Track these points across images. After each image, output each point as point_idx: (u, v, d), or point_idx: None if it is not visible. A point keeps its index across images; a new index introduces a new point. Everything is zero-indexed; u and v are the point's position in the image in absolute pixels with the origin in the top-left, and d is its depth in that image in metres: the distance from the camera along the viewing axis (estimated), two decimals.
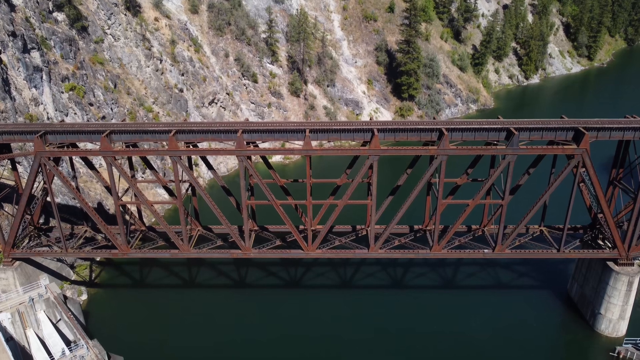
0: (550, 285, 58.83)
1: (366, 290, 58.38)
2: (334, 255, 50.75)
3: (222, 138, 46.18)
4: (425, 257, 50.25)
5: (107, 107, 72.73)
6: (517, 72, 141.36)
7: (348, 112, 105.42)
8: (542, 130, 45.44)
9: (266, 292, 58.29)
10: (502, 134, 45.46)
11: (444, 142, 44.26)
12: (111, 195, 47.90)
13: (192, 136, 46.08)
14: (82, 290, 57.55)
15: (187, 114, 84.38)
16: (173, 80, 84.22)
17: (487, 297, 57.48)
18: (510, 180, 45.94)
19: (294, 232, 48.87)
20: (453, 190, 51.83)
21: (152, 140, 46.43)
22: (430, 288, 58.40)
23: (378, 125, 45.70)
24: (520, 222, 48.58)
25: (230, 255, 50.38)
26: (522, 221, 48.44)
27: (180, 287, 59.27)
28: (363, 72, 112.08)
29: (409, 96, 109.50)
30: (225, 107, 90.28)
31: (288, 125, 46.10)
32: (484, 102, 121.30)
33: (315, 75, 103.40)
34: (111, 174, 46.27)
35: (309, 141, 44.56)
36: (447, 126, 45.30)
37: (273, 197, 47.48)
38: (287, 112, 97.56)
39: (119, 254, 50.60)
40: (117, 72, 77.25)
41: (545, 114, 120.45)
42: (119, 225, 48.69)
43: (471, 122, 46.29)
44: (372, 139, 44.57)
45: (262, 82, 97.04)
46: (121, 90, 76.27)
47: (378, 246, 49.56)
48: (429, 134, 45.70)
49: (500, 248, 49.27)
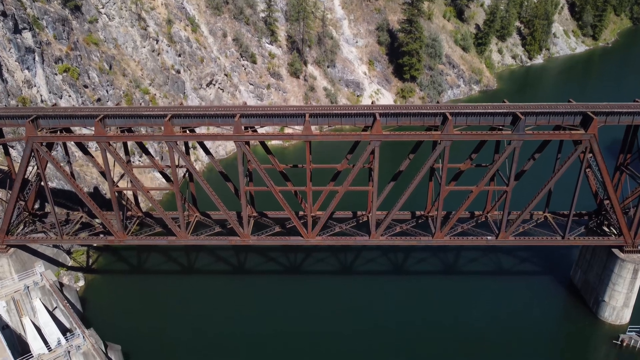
0: (553, 271, 58.08)
1: (366, 276, 57.65)
2: (334, 243, 49.82)
3: (220, 122, 44.81)
4: (427, 244, 49.29)
5: (102, 89, 71.08)
6: (521, 52, 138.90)
7: (349, 93, 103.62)
8: (549, 115, 44.06)
9: (265, 278, 57.60)
10: (508, 118, 44.09)
11: (448, 127, 42.92)
12: (107, 180, 46.71)
13: (189, 121, 44.70)
14: (79, 276, 56.83)
15: (184, 96, 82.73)
16: (170, 61, 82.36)
17: (489, 283, 56.80)
18: (515, 166, 44.74)
19: (294, 219, 47.86)
20: (456, 175, 50.67)
21: (147, 125, 45.08)
22: (431, 274, 57.68)
23: (380, 110, 44.30)
24: (525, 209, 47.54)
25: (229, 242, 49.45)
26: (527, 208, 47.40)
27: (178, 273, 58.55)
28: (364, 53, 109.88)
29: (410, 77, 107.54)
30: (223, 88, 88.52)
31: (287, 109, 44.68)
32: (487, 83, 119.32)
33: (315, 56, 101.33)
34: (105, 159, 45.03)
35: (308, 126, 43.20)
36: (451, 110, 43.89)
37: (272, 183, 46.33)
38: (287, 94, 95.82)
39: (115, 241, 49.67)
40: (112, 52, 75.39)
41: (549, 96, 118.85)
42: (114, 211, 47.63)
43: (476, 107, 44.88)
44: (374, 123, 43.22)
45: (261, 63, 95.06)
46: (117, 72, 74.53)
47: (379, 233, 48.59)
48: (432, 118, 44.33)
49: (504, 235, 48.30)
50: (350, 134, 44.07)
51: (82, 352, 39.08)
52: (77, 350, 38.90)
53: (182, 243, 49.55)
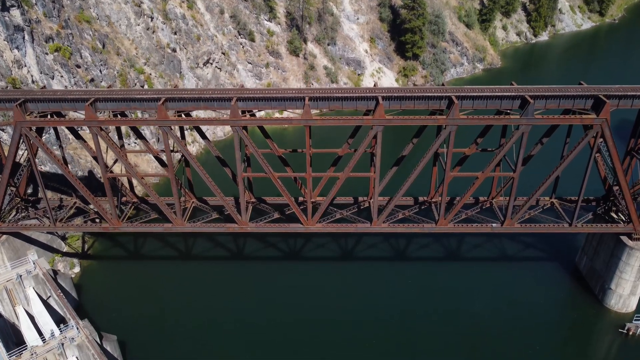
0: (558, 257, 56.94)
1: (368, 262, 56.54)
2: (334, 230, 48.46)
3: (215, 106, 42.97)
4: (430, 231, 47.95)
5: (95, 68, 68.87)
6: (526, 29, 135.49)
7: (349, 72, 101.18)
8: (560, 98, 42.20)
9: (265, 264, 56.48)
10: (517, 102, 42.25)
11: (454, 111, 41.12)
12: (99, 166, 45.08)
13: (183, 104, 42.88)
14: (75, 262, 55.69)
15: (180, 76, 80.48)
16: (165, 40, 79.84)
17: (492, 268, 55.75)
18: (523, 152, 43.09)
19: (293, 206, 46.44)
20: (461, 160, 49.05)
21: (140, 109, 43.27)
22: (433, 260, 56.56)
23: (383, 93, 42.42)
24: (532, 196, 46.06)
25: (227, 230, 48.11)
26: (534, 194, 45.92)
27: (176, 258, 57.41)
28: (365, 30, 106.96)
29: (413, 55, 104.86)
30: (221, 67, 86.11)
31: (286, 92, 42.81)
32: (491, 61, 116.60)
33: (315, 33, 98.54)
34: (97, 145, 43.36)
35: (308, 110, 41.40)
36: (457, 93, 42.04)
37: (270, 169, 44.76)
38: (286, 73, 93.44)
39: (109, 228, 48.33)
40: (105, 31, 72.90)
41: (554, 74, 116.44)
42: (108, 198, 46.16)
43: (483, 89, 43.00)
44: (377, 107, 41.41)
45: (259, 41, 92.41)
46: (110, 51, 72.19)
47: (381, 220, 47.22)
48: (437, 101, 42.49)
49: (510, 222, 46.92)
50: (351, 119, 42.30)
51: (77, 344, 38.08)
52: (71, 343, 37.89)
53: (178, 230, 48.25)
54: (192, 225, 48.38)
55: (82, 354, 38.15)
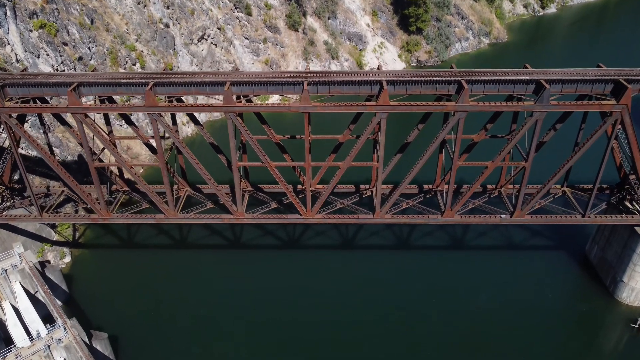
0: (566, 245, 54.80)
1: (369, 251, 54.47)
2: (335, 221, 46.20)
3: (208, 91, 40.12)
4: (436, 222, 45.69)
5: (83, 46, 65.45)
6: (534, 0, 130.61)
7: (350, 47, 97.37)
8: (577, 83, 39.31)
9: (263, 253, 54.40)
10: (531, 86, 39.41)
11: (464, 97, 38.31)
12: (85, 155, 42.43)
13: (173, 89, 39.98)
14: (65, 252, 53.62)
15: (174, 52, 76.97)
16: (157, 14, 76.00)
17: (498, 257, 53.73)
18: (536, 140, 40.44)
19: (292, 196, 44.05)
20: (469, 147, 46.40)
21: (127, 94, 40.42)
22: (437, 248, 54.46)
23: (387, 77, 39.48)
24: (544, 186, 43.58)
25: (222, 221, 45.84)
26: (546, 185, 43.42)
27: (170, 247, 55.27)
28: (367, 2, 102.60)
29: (416, 29, 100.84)
30: (216, 43, 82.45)
31: (283, 76, 39.86)
32: (497, 35, 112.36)
33: (315, 7, 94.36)
34: (83, 132, 40.65)
35: (307, 96, 38.56)
36: (466, 78, 39.09)
37: (267, 158, 42.18)
38: (285, 49, 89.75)
39: (98, 219, 46.03)
40: (93, 5, 69.13)
41: (562, 48, 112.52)
42: (96, 189, 43.70)
43: (495, 73, 40.01)
44: (381, 92, 38.56)
45: (256, 15, 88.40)
46: (99, 27, 68.59)
47: (384, 211, 44.89)
48: (445, 86, 39.59)
49: (520, 213, 44.59)
50: (354, 105, 39.49)
51: (64, 345, 36.21)
52: (58, 344, 36.02)
53: (170, 222, 46.00)
54: (185, 216, 46.06)
55: (69, 356, 36.33)
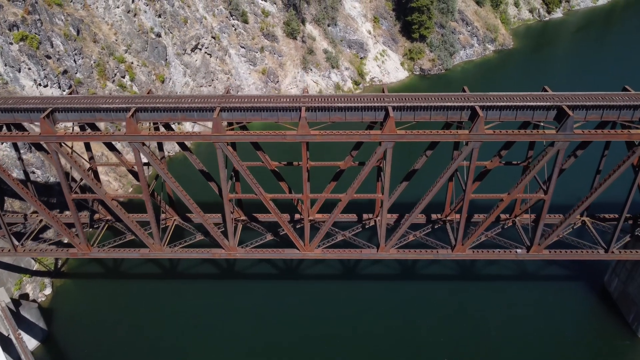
0: (583, 274, 50.99)
1: (372, 281, 50.78)
2: (335, 256, 42.45)
3: (195, 118, 36.40)
4: (446, 258, 41.99)
5: (69, 58, 61.67)
6: (539, 4, 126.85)
7: (351, 55, 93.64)
8: (603, 109, 35.59)
9: (258, 283, 50.72)
10: (552, 113, 35.69)
11: (479, 125, 34.58)
12: (62, 187, 38.62)
13: (157, 115, 36.25)
14: (46, 283, 49.88)
15: (166, 63, 73.24)
16: (148, 23, 72.23)
17: (509, 286, 50.01)
18: (557, 172, 36.74)
19: (288, 231, 40.33)
20: (481, 174, 42.66)
21: (107, 120, 36.65)
22: (445, 278, 50.76)
23: (393, 102, 35.75)
24: (565, 219, 39.79)
25: (212, 256, 42.05)
26: (567, 218, 39.66)
27: (159, 276, 51.53)
28: (368, 8, 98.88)
29: (419, 36, 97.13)
30: (211, 53, 78.70)
31: (279, 101, 36.15)
32: (503, 42, 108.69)
33: (314, 13, 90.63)
34: (58, 163, 36.89)
35: (304, 124, 34.84)
36: (481, 103, 35.36)
37: (261, 191, 38.45)
38: (283, 58, 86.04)
39: (78, 254, 42.26)
40: (80, 15, 65.37)
41: (569, 55, 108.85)
42: (75, 223, 39.94)
43: (512, 97, 36.29)
44: (387, 120, 34.82)
45: (253, 22, 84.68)
46: (86, 38, 64.81)
47: (390, 246, 41.12)
48: (458, 112, 35.86)
49: (537, 249, 40.86)
50: (356, 133, 35.73)
51: None
52: None
53: (156, 257, 42.24)
54: (172, 250, 42.26)
55: None
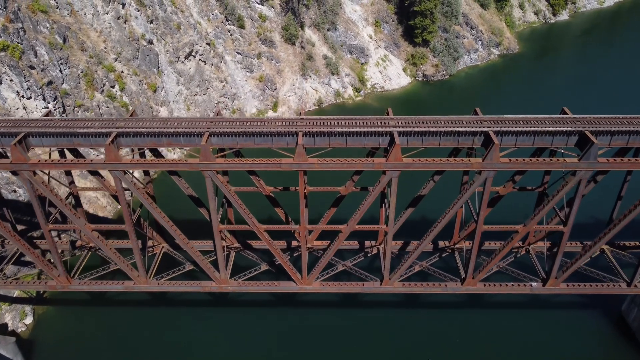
0: (598, 301, 47.69)
1: (373, 306, 47.48)
2: (336, 289, 39.34)
3: (182, 143, 33.27)
4: (455, 291, 38.89)
5: (54, 68, 58.42)
6: (544, 7, 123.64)
7: (352, 61, 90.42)
8: (629, 135, 32.48)
9: (251, 308, 47.42)
10: (573, 138, 32.55)
11: (493, 153, 31.44)
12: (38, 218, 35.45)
13: (140, 140, 33.11)
14: (27, 311, 46.73)
15: (158, 71, 70.01)
16: (140, 30, 68.97)
17: (519, 313, 46.81)
18: (578, 202, 33.61)
19: (284, 263, 37.25)
20: (493, 200, 39.49)
21: (86, 146, 33.52)
22: (452, 304, 47.49)
23: (399, 126, 32.59)
24: (586, 252, 36.66)
25: (202, 289, 38.99)
26: (589, 250, 36.53)
27: (147, 302, 48.31)
28: (370, 12, 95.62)
29: (422, 41, 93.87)
30: (205, 60, 75.46)
31: (274, 125, 32.99)
32: (508, 46, 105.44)
33: (313, 17, 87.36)
34: (32, 192, 33.75)
35: (302, 152, 31.72)
36: (495, 128, 32.18)
37: (255, 222, 35.30)
38: (281, 64, 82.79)
39: (57, 286, 39.14)
40: (67, 21, 62.09)
41: (575, 59, 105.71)
42: (53, 255, 36.81)
43: (529, 121, 33.10)
44: (392, 147, 31.68)
45: (250, 28, 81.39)
46: (73, 46, 61.55)
47: (395, 279, 38.00)
48: (470, 138, 32.72)
49: (554, 282, 37.76)
50: (359, 162, 32.59)
51: None
52: None
53: (141, 290, 39.11)
54: (159, 282, 39.16)
55: None
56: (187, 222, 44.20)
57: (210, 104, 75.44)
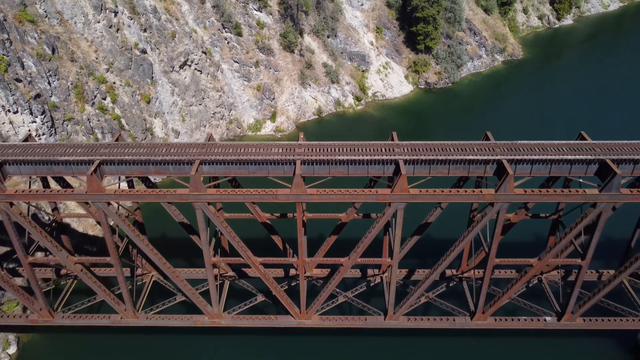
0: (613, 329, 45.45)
1: (375, 334, 45.09)
2: (336, 324, 36.84)
3: (171, 172, 30.85)
4: (464, 327, 36.43)
5: (42, 81, 55.96)
6: (549, 11, 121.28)
7: (352, 68, 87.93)
8: None
9: (247, 336, 44.95)
10: (592, 167, 30.13)
11: (507, 184, 28.99)
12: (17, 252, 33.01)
13: (126, 169, 30.70)
14: (10, 340, 44.11)
15: (152, 82, 67.55)
16: (133, 39, 66.50)
17: (530, 341, 44.28)
18: (598, 236, 31.18)
19: (282, 298, 34.85)
20: (505, 227, 37.01)
21: (67, 174, 31.08)
22: (459, 332, 45.08)
23: (405, 154, 30.15)
24: (606, 285, 34.20)
25: (194, 324, 36.55)
26: (608, 285, 34.09)
27: (138, 329, 45.78)
28: (370, 18, 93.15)
29: (425, 48, 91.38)
30: (201, 69, 72.99)
31: (270, 152, 30.57)
32: (512, 52, 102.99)
33: (313, 24, 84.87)
34: (9, 224, 31.30)
35: (300, 182, 29.27)
36: (509, 157, 29.75)
37: (249, 255, 32.85)
38: (279, 72, 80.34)
39: (38, 320, 36.72)
40: (56, 31, 59.63)
41: (581, 65, 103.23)
42: (33, 289, 34.37)
43: (544, 147, 30.68)
44: (398, 178, 29.22)
45: (247, 35, 78.93)
46: (62, 57, 59.08)
47: (400, 313, 35.55)
48: (481, 167, 30.28)
49: (570, 317, 35.33)
50: (361, 193, 30.15)
51: None
52: None
53: (128, 324, 36.65)
54: (148, 316, 36.77)
55: None
56: (179, 247, 41.84)
57: (207, 115, 73.01)
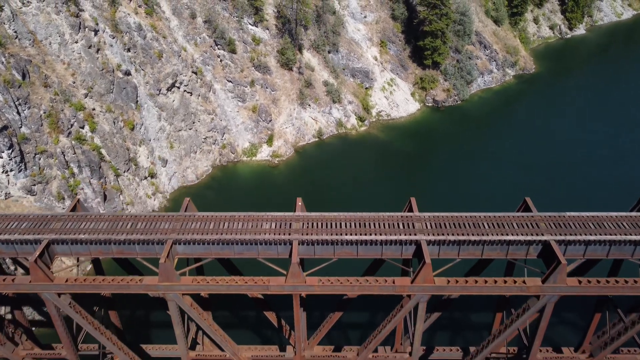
0: None
1: None
2: None
3: (137, 252, 24.86)
4: None
5: (10, 111, 50.00)
6: (560, 20, 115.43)
7: (355, 85, 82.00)
8: None
9: None
10: None
11: (558, 275, 23.03)
12: None
13: (82, 248, 24.69)
14: None
15: (137, 106, 61.59)
16: (115, 60, 60.50)
17: None
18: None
19: None
20: None
21: (9, 255, 25.11)
22: None
23: (428, 232, 24.14)
24: None
25: None
26: None
27: None
28: (374, 31, 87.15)
29: (432, 63, 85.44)
30: (191, 91, 67.01)
31: (260, 229, 24.60)
32: (524, 66, 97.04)
33: (312, 39, 78.92)
34: None
35: (297, 271, 23.33)
36: (559, 237, 23.77)
37: (236, 351, 26.86)
38: (276, 92, 74.39)
39: None
40: (27, 54, 53.66)
41: (598, 80, 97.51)
42: None
43: (600, 222, 24.70)
44: (421, 267, 23.25)
45: (242, 52, 72.92)
46: (35, 82, 53.10)
47: None
48: (524, 248, 24.29)
49: None
50: (375, 284, 24.18)
51: None
52: None
53: None
54: None
55: None
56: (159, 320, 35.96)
57: (197, 140, 67.06)
